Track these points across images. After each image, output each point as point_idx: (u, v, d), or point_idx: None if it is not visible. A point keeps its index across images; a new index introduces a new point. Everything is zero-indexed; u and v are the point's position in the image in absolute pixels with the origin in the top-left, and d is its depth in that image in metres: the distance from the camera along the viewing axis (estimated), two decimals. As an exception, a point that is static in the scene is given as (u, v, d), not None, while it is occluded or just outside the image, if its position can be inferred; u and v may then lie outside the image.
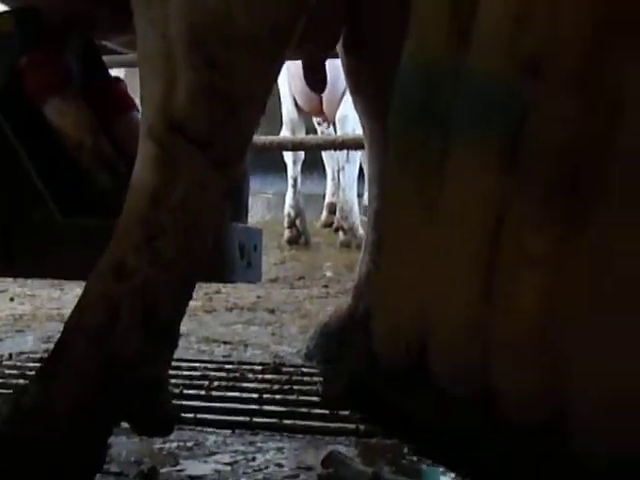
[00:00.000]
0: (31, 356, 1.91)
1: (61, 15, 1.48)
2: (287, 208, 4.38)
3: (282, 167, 4.76)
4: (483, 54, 0.90)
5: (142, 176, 1.17)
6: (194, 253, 1.19)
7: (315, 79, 1.87)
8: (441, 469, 1.27)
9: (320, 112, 4.61)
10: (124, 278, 1.15)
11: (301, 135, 4.44)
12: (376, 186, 1.82)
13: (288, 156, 4.52)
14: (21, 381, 1.65)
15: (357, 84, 1.81)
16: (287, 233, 4.25)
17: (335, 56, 1.85)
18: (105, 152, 1.43)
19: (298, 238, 4.19)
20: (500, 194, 0.87)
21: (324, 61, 1.83)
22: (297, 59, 1.93)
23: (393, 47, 1.73)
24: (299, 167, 4.56)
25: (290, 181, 4.53)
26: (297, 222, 4.27)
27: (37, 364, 1.81)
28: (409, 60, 0.98)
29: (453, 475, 1.23)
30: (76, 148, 1.43)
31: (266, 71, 1.19)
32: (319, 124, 4.83)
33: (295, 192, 4.43)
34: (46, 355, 1.83)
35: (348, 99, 4.11)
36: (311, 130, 4.98)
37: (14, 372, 1.75)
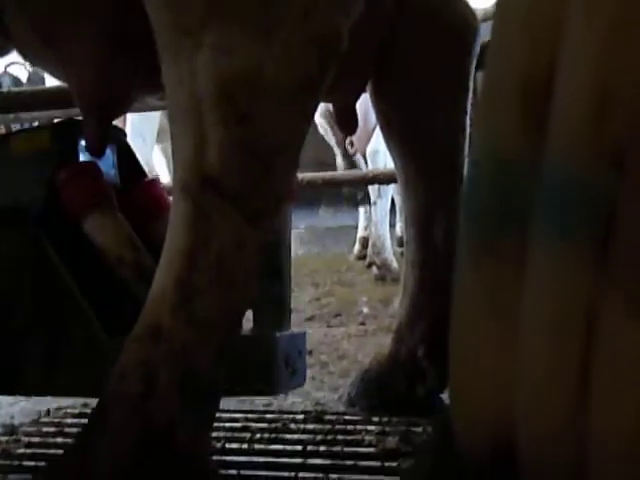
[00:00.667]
0: (69, 411, 1.89)
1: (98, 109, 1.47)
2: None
3: (313, 201, 4.74)
4: (563, 147, 0.86)
5: (176, 236, 1.15)
6: (232, 312, 1.16)
7: (346, 121, 1.85)
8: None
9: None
10: (161, 341, 1.12)
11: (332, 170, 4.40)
12: (412, 226, 1.79)
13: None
14: (59, 439, 1.63)
15: (389, 129, 1.79)
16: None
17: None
18: (146, 265, 1.41)
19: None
20: (590, 291, 0.83)
21: (354, 103, 1.81)
22: (327, 102, 1.91)
23: (424, 94, 1.72)
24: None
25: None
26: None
27: (75, 419, 1.79)
28: (482, 153, 0.95)
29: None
30: (117, 263, 1.43)
31: (297, 123, 1.17)
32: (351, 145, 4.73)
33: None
34: (85, 410, 1.82)
35: (379, 134, 4.09)
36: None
37: (52, 430, 1.73)
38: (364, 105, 2.00)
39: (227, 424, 1.71)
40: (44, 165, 1.49)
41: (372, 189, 4.08)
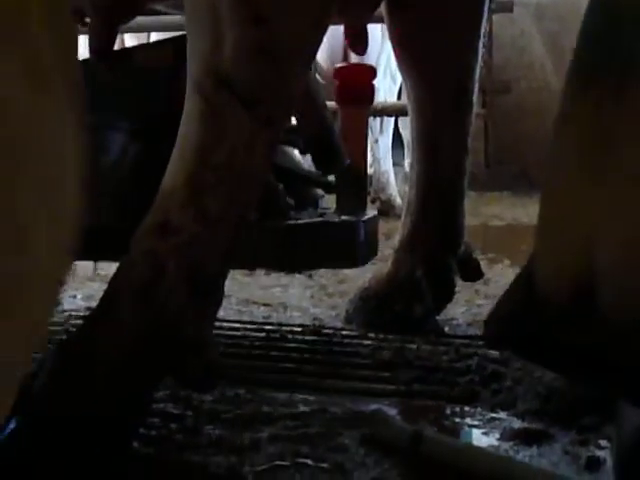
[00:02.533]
0: (73, 314, 1.93)
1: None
2: None
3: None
4: None
5: (188, 133, 1.17)
6: (239, 211, 1.19)
7: (358, 43, 1.86)
8: (483, 430, 1.27)
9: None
10: (169, 235, 1.15)
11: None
12: (418, 148, 1.81)
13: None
14: (64, 337, 1.67)
15: (401, 47, 1.80)
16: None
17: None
18: None
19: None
20: None
21: (366, 24, 1.82)
22: (339, 23, 1.92)
23: (439, 15, 1.73)
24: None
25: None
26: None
27: (79, 321, 1.83)
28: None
29: (497, 436, 1.23)
30: None
31: (314, 26, 1.18)
32: None
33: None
34: (88, 313, 1.87)
35: (379, 70, 4.08)
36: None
37: (57, 328, 1.77)
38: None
39: (227, 332, 1.76)
40: (167, 80, 1.53)
41: (374, 127, 4.08)
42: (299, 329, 1.79)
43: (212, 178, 1.16)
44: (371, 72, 1.81)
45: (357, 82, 1.78)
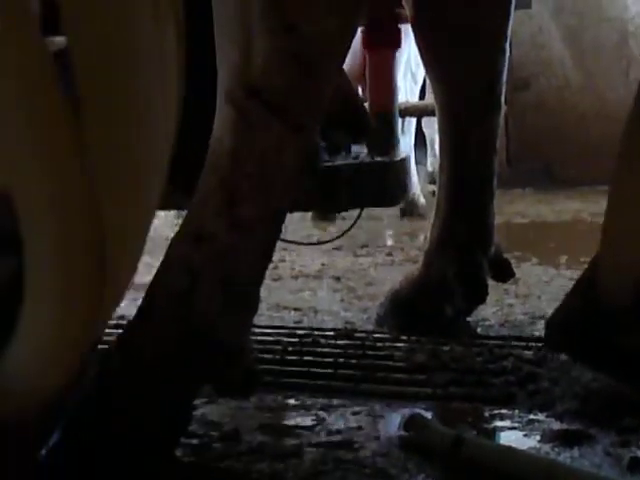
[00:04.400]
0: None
1: None
2: None
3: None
4: None
5: (220, 142, 1.18)
6: (272, 217, 1.20)
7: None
8: (522, 433, 1.26)
9: (362, 79, 4.53)
10: (204, 243, 1.16)
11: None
12: (447, 149, 1.81)
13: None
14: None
15: (428, 51, 1.80)
16: None
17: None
18: None
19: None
20: None
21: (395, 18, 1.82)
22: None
23: (465, 16, 1.73)
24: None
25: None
26: None
27: (113, 330, 1.83)
28: None
29: (537, 438, 1.23)
30: None
31: (343, 30, 1.18)
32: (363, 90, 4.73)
33: None
34: (123, 322, 1.87)
35: (399, 71, 4.07)
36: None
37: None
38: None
39: (260, 338, 1.76)
40: None
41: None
42: (331, 333, 1.79)
43: (245, 185, 1.16)
44: (396, 16, 1.84)
45: (383, 26, 1.80)
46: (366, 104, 1.85)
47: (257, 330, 1.80)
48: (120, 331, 1.19)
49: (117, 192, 0.53)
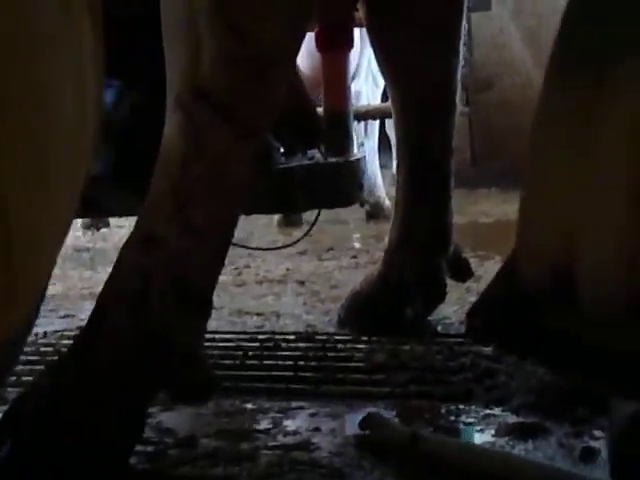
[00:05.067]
0: (65, 334, 1.93)
1: None
2: None
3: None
4: None
5: (170, 146, 1.17)
6: (223, 222, 1.19)
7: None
8: (478, 427, 1.27)
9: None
10: (155, 249, 1.15)
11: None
12: (405, 149, 1.82)
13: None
14: (56, 358, 1.67)
15: (384, 51, 1.81)
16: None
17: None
18: None
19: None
20: None
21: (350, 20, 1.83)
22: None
23: (417, 11, 1.74)
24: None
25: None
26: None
27: (71, 341, 1.82)
28: None
29: (492, 432, 1.23)
30: None
31: (291, 33, 1.18)
32: None
33: None
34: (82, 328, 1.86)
35: (360, 74, 4.09)
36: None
37: (49, 349, 1.77)
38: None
39: (220, 344, 1.75)
40: None
41: (359, 130, 4.08)
42: (292, 337, 1.79)
43: (196, 190, 1.16)
44: (350, 18, 1.84)
45: (336, 28, 1.81)
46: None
47: (218, 336, 1.80)
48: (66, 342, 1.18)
49: (23, 191, 0.51)
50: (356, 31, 3.56)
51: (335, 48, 1.81)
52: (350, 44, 1.83)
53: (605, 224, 0.87)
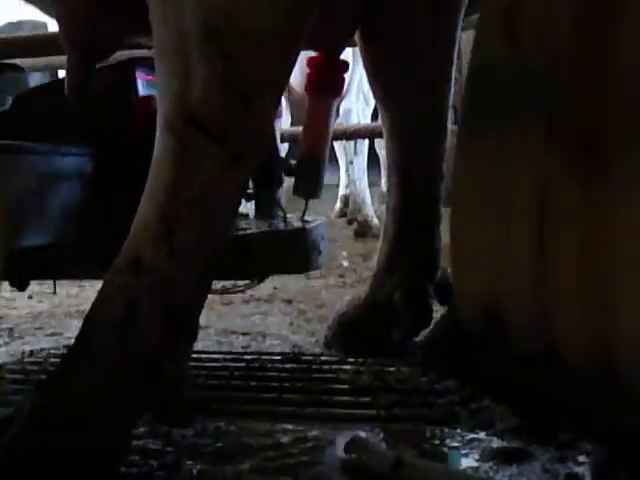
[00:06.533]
0: (52, 352, 1.93)
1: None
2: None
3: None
4: None
5: (160, 170, 1.18)
6: (212, 246, 1.20)
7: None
8: (463, 451, 1.27)
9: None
10: (142, 272, 1.15)
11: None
12: (395, 173, 1.83)
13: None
14: (43, 377, 1.67)
15: (376, 76, 1.82)
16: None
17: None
18: None
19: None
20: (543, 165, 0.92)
21: (339, 52, 1.83)
22: (311, 49, 1.93)
23: (411, 44, 1.75)
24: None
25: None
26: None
27: (58, 360, 1.82)
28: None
29: (477, 457, 1.24)
30: None
31: (279, 64, 1.19)
32: None
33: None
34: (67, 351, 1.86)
35: (351, 92, 4.11)
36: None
37: (35, 368, 1.77)
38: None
39: (207, 364, 1.76)
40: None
41: (348, 148, 4.10)
42: (278, 357, 1.80)
43: (185, 214, 1.16)
44: (342, 65, 1.83)
45: (327, 73, 1.81)
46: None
47: (204, 356, 1.80)
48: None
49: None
50: (348, 49, 3.61)
51: (322, 93, 1.81)
52: (338, 93, 1.83)
53: (518, 271, 0.93)
